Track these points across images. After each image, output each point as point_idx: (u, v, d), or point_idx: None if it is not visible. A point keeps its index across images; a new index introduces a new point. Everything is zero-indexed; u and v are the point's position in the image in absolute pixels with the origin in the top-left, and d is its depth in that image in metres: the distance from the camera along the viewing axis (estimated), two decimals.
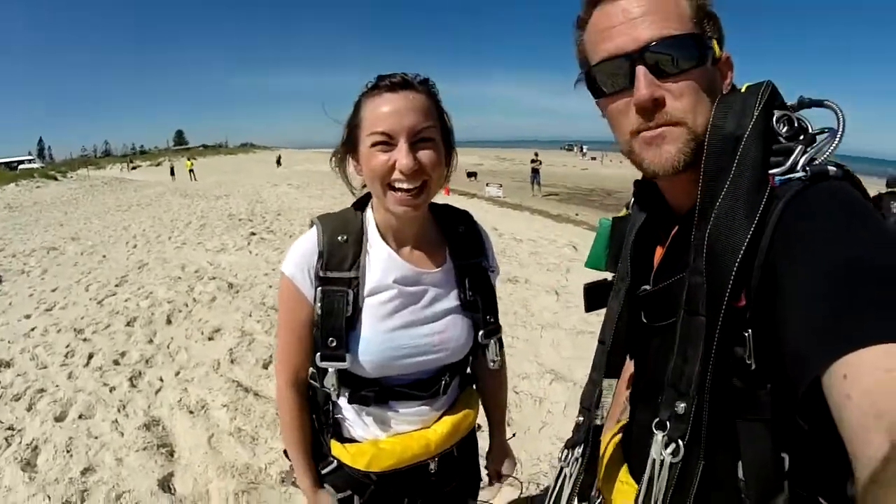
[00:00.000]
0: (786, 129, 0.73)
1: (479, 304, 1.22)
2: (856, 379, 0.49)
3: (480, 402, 1.40)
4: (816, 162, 0.70)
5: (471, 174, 28.57)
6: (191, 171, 35.58)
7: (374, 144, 1.05)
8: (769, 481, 0.71)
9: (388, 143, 1.04)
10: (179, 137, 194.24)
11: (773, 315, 0.64)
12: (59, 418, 3.33)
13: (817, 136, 0.73)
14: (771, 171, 0.70)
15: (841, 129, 0.71)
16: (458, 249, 1.23)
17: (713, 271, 0.70)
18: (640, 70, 0.74)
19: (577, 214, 14.72)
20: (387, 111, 1.04)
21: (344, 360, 1.12)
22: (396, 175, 1.04)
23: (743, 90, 0.76)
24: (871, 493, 0.42)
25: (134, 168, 62.34)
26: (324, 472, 1.25)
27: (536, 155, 24.45)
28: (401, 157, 1.03)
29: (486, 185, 21.97)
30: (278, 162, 45.81)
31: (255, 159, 73.29)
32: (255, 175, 30.98)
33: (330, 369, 1.14)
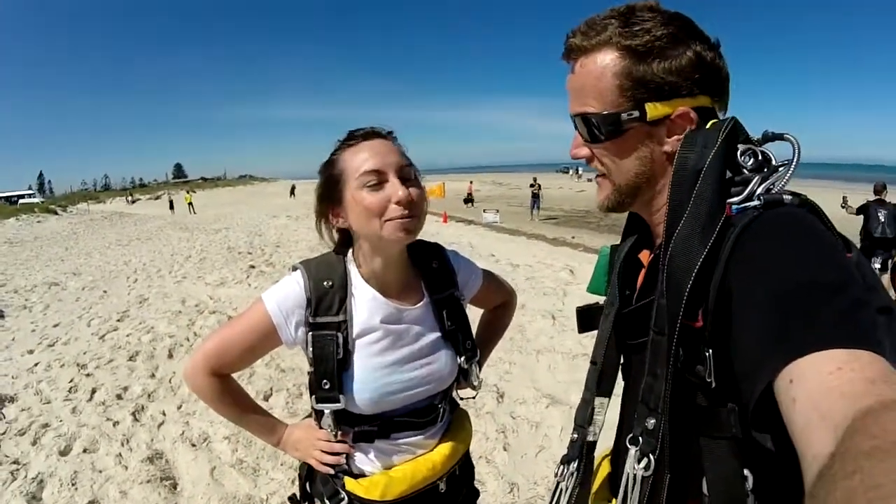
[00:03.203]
0: (751, 161, 0.77)
1: (458, 333, 1.31)
2: (800, 383, 0.53)
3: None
4: (773, 191, 0.74)
5: (467, 200, 28.73)
6: (190, 204, 35.80)
7: (364, 186, 1.11)
8: (732, 498, 0.74)
9: (378, 181, 1.11)
10: (178, 170, 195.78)
11: (729, 334, 0.67)
12: (64, 452, 3.37)
13: (780, 168, 0.76)
14: (729, 200, 0.74)
15: (796, 160, 0.76)
16: (434, 284, 1.30)
17: (670, 292, 0.74)
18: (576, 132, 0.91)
19: (573, 238, 14.76)
20: (371, 153, 1.13)
21: (338, 402, 1.17)
22: (393, 208, 1.10)
23: (708, 127, 0.79)
24: (818, 488, 0.43)
25: (133, 202, 62.77)
26: None
27: (535, 180, 23.99)
28: (395, 189, 1.10)
29: (483, 211, 21.99)
30: (292, 192, 46.48)
31: (253, 191, 73.63)
32: (254, 207, 31.12)
33: (326, 411, 1.20)
